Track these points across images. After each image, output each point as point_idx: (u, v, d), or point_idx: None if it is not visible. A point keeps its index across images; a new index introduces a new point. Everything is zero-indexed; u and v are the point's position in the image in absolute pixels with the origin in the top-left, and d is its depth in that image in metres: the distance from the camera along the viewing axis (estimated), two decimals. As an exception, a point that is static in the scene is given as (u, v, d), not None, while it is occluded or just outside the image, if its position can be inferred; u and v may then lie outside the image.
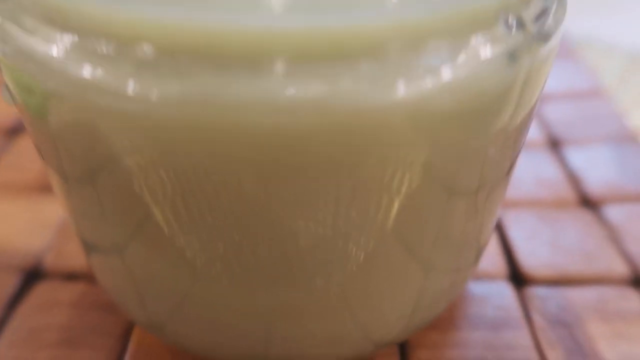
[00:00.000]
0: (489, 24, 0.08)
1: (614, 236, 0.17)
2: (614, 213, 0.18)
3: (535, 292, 0.15)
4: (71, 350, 0.14)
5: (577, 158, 0.20)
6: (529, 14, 0.09)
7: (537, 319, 0.15)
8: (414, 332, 0.14)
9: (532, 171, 0.20)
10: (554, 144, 0.21)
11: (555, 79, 0.25)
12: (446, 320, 0.15)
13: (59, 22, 0.08)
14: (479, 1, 0.08)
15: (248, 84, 0.07)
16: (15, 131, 0.21)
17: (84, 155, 0.09)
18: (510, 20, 0.08)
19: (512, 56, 0.08)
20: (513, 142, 0.10)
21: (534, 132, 0.22)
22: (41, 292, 0.15)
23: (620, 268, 0.16)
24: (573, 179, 0.20)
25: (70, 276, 0.16)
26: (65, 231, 0.17)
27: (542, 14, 0.09)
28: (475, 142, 0.09)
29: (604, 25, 0.29)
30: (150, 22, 0.07)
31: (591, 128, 0.22)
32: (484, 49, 0.08)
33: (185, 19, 0.07)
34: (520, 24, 0.09)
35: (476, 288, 0.16)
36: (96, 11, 0.07)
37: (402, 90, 0.08)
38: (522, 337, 0.14)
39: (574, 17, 0.31)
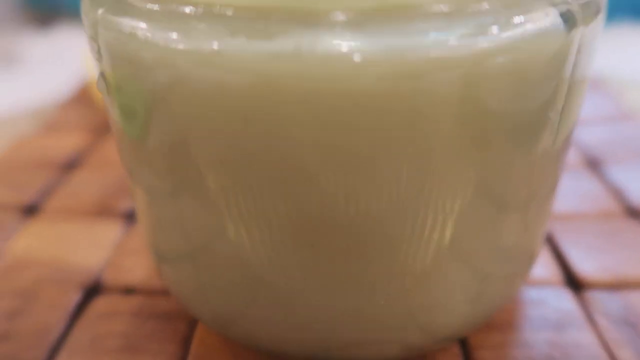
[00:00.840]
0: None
1: (667, 242, 0.17)
2: (663, 221, 0.18)
3: (594, 296, 0.15)
4: (132, 355, 0.14)
5: (617, 174, 0.21)
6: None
7: (600, 320, 0.14)
8: (473, 330, 0.13)
9: (575, 189, 0.20)
10: (593, 164, 0.22)
11: (586, 106, 0.26)
12: (506, 322, 0.14)
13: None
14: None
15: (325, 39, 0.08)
16: (71, 166, 0.23)
17: (171, 169, 0.10)
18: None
19: (569, 21, 0.09)
20: (566, 114, 0.11)
21: (572, 155, 0.22)
22: (101, 304, 0.16)
23: (679, 269, 0.16)
24: (616, 192, 0.20)
25: (128, 290, 0.16)
26: (121, 249, 0.18)
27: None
28: (530, 105, 0.10)
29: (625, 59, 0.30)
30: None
31: (625, 147, 0.22)
32: (545, 14, 0.09)
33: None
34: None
35: (534, 294, 0.15)
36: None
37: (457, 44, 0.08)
38: (587, 337, 0.14)
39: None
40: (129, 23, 0.10)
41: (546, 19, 0.09)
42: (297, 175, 0.10)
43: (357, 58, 0.09)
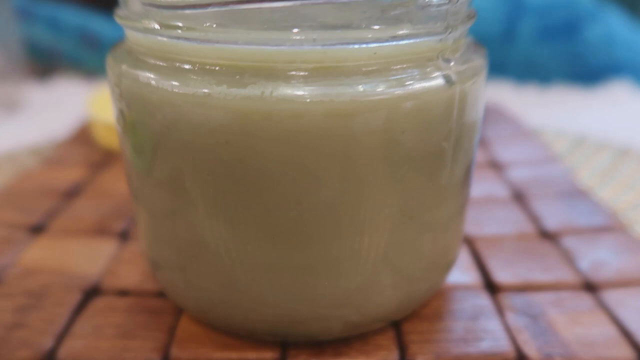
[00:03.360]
0: (434, 58, 0.13)
1: (568, 257, 0.21)
2: (568, 241, 0.22)
3: (505, 295, 0.19)
4: (126, 340, 0.17)
5: (536, 206, 0.25)
6: (458, 57, 0.14)
7: (507, 312, 0.18)
8: (402, 314, 0.17)
9: (502, 216, 0.24)
10: (519, 197, 0.26)
11: (518, 151, 0.30)
12: (433, 314, 0.18)
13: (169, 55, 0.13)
14: (428, 44, 0.13)
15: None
16: (72, 194, 0.26)
17: (169, 193, 0.14)
18: (447, 58, 0.14)
19: (449, 81, 0.13)
20: (459, 148, 0.15)
21: (502, 190, 0.26)
22: (99, 303, 0.19)
23: (569, 277, 0.20)
24: (534, 219, 0.24)
25: (122, 292, 0.19)
26: (116, 260, 0.21)
27: (467, 59, 0.14)
28: (430, 138, 0.14)
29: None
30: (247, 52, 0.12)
31: (547, 185, 0.27)
32: (432, 74, 0.13)
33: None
34: (452, 61, 0.14)
35: (458, 294, 0.19)
36: (194, 47, 0.13)
37: (381, 91, 0.13)
38: (495, 325, 0.17)
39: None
40: (144, 74, 0.14)
41: (435, 79, 0.13)
42: (263, 186, 0.13)
43: (305, 100, 0.13)
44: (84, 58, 0.45)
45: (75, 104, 0.37)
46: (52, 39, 0.44)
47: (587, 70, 0.43)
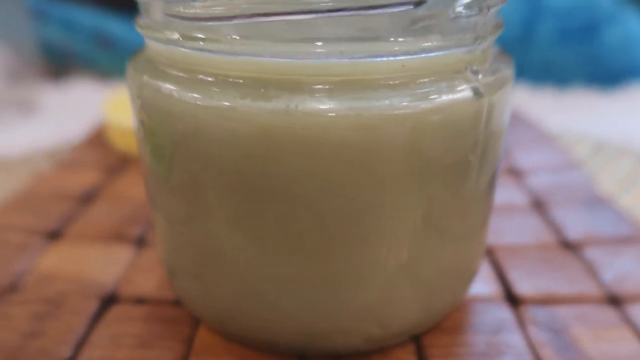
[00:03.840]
0: (462, 70, 0.13)
1: (591, 269, 0.20)
2: (591, 252, 0.21)
3: (527, 308, 0.19)
4: (144, 350, 0.17)
5: (556, 214, 0.24)
6: (486, 67, 0.14)
7: (529, 326, 0.18)
8: (423, 329, 0.17)
9: (522, 225, 0.24)
10: (538, 205, 0.25)
11: (537, 157, 0.30)
12: (454, 327, 0.18)
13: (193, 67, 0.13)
14: (456, 56, 0.13)
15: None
16: (87, 199, 0.26)
17: (188, 200, 0.14)
18: (475, 69, 0.13)
19: (477, 94, 0.13)
20: (485, 159, 0.15)
21: (522, 197, 0.26)
22: (117, 312, 0.19)
23: (593, 290, 0.19)
24: (555, 229, 0.23)
25: (139, 300, 0.19)
26: (133, 268, 0.21)
27: (495, 70, 0.14)
28: (456, 151, 0.13)
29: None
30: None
31: (567, 192, 0.26)
32: (462, 88, 0.13)
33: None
34: (480, 72, 0.13)
35: (479, 307, 0.19)
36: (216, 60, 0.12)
37: (408, 105, 0.12)
38: (517, 339, 0.17)
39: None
40: (165, 86, 0.13)
41: (463, 91, 0.13)
42: (285, 198, 0.13)
43: (330, 114, 0.12)
44: (98, 59, 0.45)
45: (90, 106, 0.37)
46: (66, 39, 0.44)
47: (606, 72, 0.42)
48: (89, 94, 0.42)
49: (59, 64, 0.45)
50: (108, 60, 0.44)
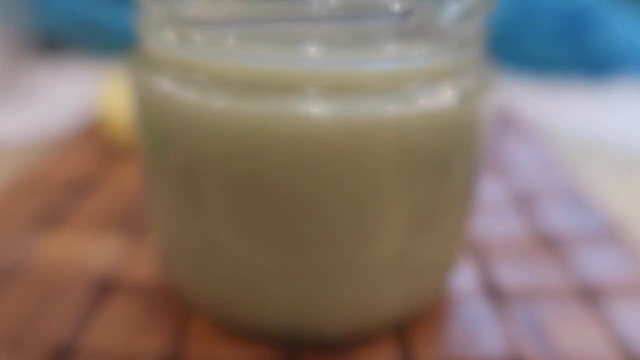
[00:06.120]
0: (448, 75, 0.14)
1: (571, 264, 0.21)
2: (570, 248, 0.22)
3: (507, 300, 0.19)
4: (139, 332, 0.17)
5: (540, 213, 0.25)
6: (471, 73, 0.14)
7: (508, 316, 0.19)
8: (405, 319, 0.17)
9: (506, 223, 0.25)
10: (523, 203, 0.26)
11: (525, 154, 0.31)
12: (434, 318, 0.19)
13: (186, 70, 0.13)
14: (443, 62, 0.14)
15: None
16: (82, 186, 0.26)
17: (183, 189, 0.15)
18: (460, 75, 0.14)
19: (463, 98, 0.14)
20: (467, 159, 0.15)
21: (504, 196, 0.27)
22: (112, 298, 0.19)
23: (571, 284, 0.20)
24: (538, 226, 0.24)
25: (135, 288, 0.20)
26: (128, 255, 0.21)
27: (480, 75, 0.14)
28: (441, 151, 0.14)
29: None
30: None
31: (551, 190, 0.27)
32: (446, 92, 0.14)
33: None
34: (466, 79, 0.14)
35: (460, 299, 0.20)
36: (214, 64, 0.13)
37: (393, 109, 0.13)
38: (494, 329, 0.18)
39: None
40: (160, 85, 0.14)
41: (449, 96, 0.14)
42: (277, 197, 0.14)
43: (321, 117, 0.13)
44: (92, 43, 0.45)
45: (83, 91, 0.38)
46: (59, 22, 0.44)
47: (595, 69, 0.43)
48: (81, 78, 0.42)
49: (51, 47, 0.45)
50: (101, 44, 0.44)
